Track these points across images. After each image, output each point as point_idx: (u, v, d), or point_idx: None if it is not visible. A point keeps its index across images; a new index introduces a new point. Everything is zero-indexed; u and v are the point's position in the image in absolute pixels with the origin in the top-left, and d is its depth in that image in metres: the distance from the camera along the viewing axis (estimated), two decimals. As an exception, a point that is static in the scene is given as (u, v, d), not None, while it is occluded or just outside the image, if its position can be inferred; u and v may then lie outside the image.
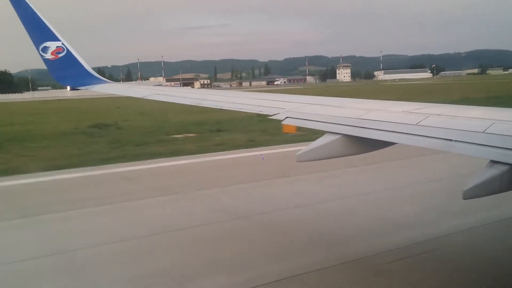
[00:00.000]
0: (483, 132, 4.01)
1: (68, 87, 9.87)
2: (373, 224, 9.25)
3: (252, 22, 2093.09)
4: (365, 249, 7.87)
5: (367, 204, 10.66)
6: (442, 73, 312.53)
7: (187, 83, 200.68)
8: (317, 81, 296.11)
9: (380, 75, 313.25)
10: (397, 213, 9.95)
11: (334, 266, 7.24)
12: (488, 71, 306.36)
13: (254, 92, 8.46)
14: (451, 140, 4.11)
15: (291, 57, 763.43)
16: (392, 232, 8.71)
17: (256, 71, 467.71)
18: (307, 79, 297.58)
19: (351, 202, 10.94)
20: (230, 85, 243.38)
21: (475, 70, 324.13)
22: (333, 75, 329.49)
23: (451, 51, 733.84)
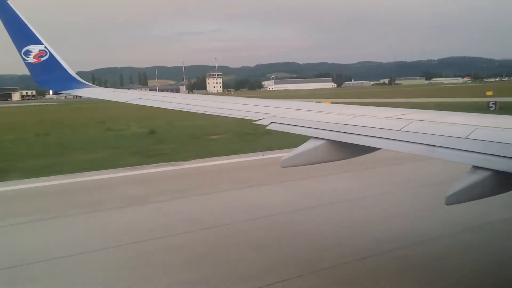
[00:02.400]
0: (466, 137, 4.03)
1: (51, 91, 9.71)
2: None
3: (241, 28, 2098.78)
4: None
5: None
6: (346, 83, 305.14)
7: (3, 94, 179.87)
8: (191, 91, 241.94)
9: (270, 85, 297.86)
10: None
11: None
12: (433, 80, 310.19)
13: (240, 98, 8.43)
14: (434, 146, 4.12)
15: (262, 63, 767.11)
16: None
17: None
18: (180, 89, 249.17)
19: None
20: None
21: (422, 80, 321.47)
22: (203, 85, 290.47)
23: (425, 58, 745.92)
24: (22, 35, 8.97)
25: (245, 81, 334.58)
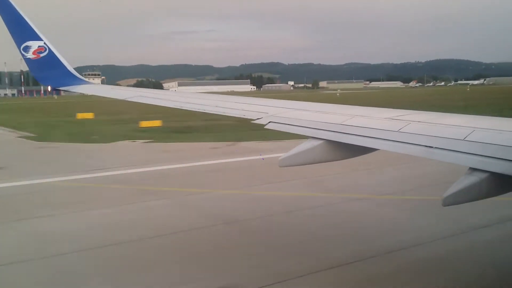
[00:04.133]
0: (463, 139, 4.03)
1: (49, 87, 9.68)
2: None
3: (232, 29, 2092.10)
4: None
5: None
6: (266, 86, 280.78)
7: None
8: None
9: (173, 87, 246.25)
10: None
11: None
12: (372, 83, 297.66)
13: (239, 96, 8.41)
14: (432, 147, 4.11)
15: (247, 63, 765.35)
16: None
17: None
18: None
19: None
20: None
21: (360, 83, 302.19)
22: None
23: (413, 61, 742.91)
24: (21, 31, 8.94)
25: (146, 82, 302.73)
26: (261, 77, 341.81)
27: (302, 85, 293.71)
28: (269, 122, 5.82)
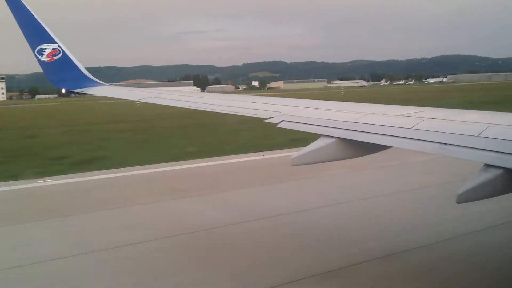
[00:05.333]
0: (478, 135, 4.02)
1: (64, 90, 9.82)
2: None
3: (244, 27, 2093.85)
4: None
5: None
6: (210, 87, 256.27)
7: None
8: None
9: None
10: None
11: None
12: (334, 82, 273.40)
13: (251, 96, 8.48)
14: (446, 143, 4.11)
15: (248, 62, 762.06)
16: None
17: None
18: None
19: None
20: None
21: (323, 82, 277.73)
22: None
23: (418, 57, 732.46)
24: (36, 34, 9.08)
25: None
26: (205, 77, 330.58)
27: (244, 86, 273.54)
28: (282, 121, 5.86)
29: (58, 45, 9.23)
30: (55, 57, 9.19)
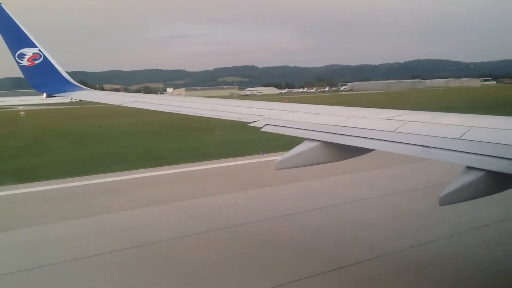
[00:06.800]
0: (459, 138, 4.04)
1: (44, 94, 9.68)
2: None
3: (224, 33, 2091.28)
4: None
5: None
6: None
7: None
8: None
9: None
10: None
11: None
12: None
13: (234, 100, 8.45)
14: (428, 146, 4.13)
15: (221, 67, 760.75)
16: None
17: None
18: None
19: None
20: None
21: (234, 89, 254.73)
22: None
23: (391, 61, 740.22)
24: (16, 38, 8.93)
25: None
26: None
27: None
28: (265, 124, 5.83)
29: (39, 50, 9.09)
30: (36, 62, 9.06)
